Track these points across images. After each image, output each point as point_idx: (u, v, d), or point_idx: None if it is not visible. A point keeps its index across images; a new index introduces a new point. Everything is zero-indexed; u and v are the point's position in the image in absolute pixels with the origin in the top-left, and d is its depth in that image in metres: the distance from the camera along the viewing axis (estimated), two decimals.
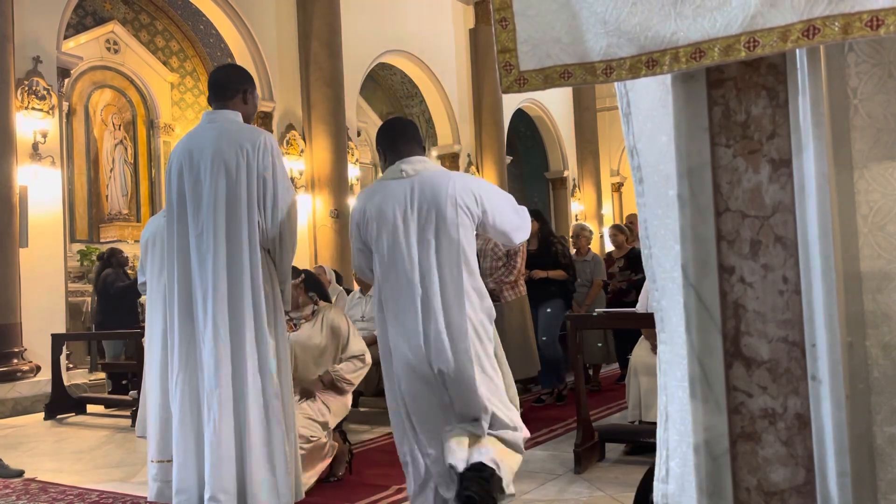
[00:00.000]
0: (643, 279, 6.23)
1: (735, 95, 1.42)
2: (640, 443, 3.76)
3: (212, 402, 2.55)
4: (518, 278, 5.09)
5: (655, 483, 1.56)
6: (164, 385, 3.32)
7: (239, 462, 2.53)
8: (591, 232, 6.90)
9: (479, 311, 2.56)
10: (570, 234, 6.69)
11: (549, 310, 5.48)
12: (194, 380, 2.62)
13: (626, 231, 6.68)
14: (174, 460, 2.67)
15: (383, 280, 2.59)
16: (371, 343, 4.97)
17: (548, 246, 5.58)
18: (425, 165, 2.62)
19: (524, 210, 2.75)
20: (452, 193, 2.51)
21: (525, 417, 4.97)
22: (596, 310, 5.24)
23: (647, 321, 3.39)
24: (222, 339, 2.55)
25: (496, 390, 2.62)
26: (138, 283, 3.63)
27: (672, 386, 1.53)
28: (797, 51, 1.34)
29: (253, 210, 2.61)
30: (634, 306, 5.24)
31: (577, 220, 15.85)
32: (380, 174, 2.80)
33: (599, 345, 6.85)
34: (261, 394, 2.57)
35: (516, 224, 2.68)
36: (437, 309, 2.50)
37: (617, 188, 18.14)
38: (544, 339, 5.49)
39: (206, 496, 2.50)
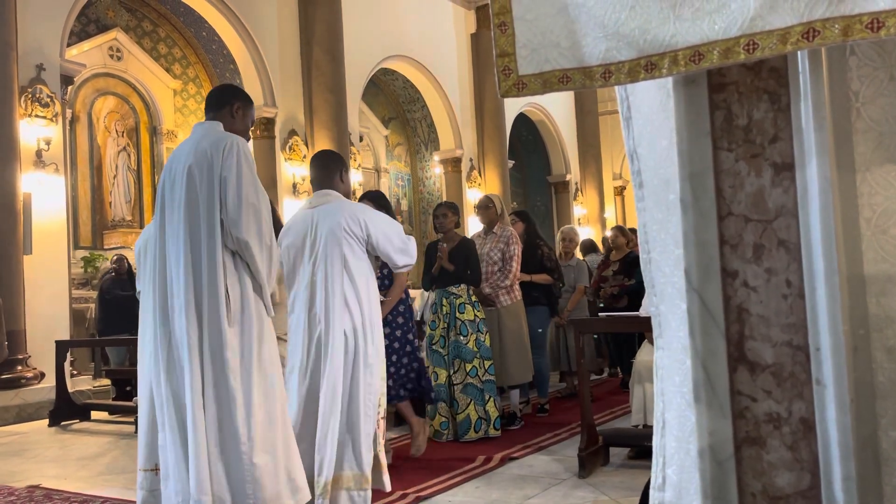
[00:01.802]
0: (635, 284, 6.24)
1: (737, 99, 1.42)
2: (645, 447, 3.74)
3: (188, 405, 2.55)
4: (514, 283, 5.01)
5: (651, 491, 1.55)
6: (152, 393, 3.32)
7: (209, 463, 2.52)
8: (579, 238, 6.92)
9: (357, 316, 3.08)
10: (559, 237, 6.47)
11: (533, 318, 5.29)
12: (174, 383, 2.63)
13: (629, 234, 6.63)
14: (165, 467, 2.65)
15: (290, 291, 3.22)
16: None
17: (533, 249, 5.40)
18: (328, 199, 3.23)
19: (411, 240, 3.32)
20: (340, 222, 3.11)
21: (527, 423, 4.99)
22: (599, 314, 5.19)
23: (649, 324, 3.39)
24: (192, 341, 2.57)
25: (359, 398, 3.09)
26: (136, 291, 3.64)
27: (670, 392, 1.52)
28: (799, 54, 1.33)
29: (213, 212, 2.59)
30: (625, 312, 5.23)
31: (579, 223, 15.84)
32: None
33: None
34: (213, 399, 2.55)
35: (398, 247, 3.23)
36: (319, 313, 3.07)
37: (619, 192, 18.13)
38: (532, 349, 5.27)
39: (192, 499, 2.49)
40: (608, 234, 6.91)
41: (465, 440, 4.50)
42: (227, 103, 2.84)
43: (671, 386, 1.51)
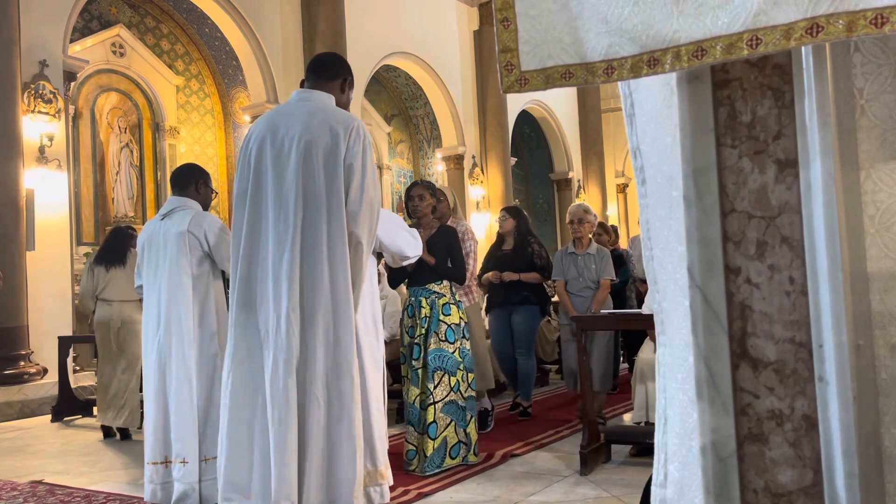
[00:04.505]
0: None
1: (741, 96, 1.41)
2: (647, 444, 3.75)
3: (278, 402, 2.35)
4: (471, 283, 4.57)
5: (653, 488, 1.55)
6: (160, 387, 3.31)
7: (300, 467, 2.37)
8: (595, 216, 5.28)
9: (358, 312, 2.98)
10: (568, 219, 5.18)
11: (521, 317, 5.11)
12: (253, 375, 2.43)
13: (612, 231, 6.54)
14: (223, 455, 2.46)
15: None
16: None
17: (524, 247, 5.17)
18: None
19: (415, 232, 3.41)
20: None
21: (530, 421, 4.97)
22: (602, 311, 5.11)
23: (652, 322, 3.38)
24: (294, 334, 2.36)
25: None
26: (135, 286, 3.63)
27: (672, 389, 1.52)
28: (803, 51, 1.33)
29: (338, 197, 2.40)
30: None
31: None
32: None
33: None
34: (325, 403, 2.37)
35: (403, 237, 3.26)
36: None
37: (622, 189, 18.12)
38: (519, 350, 5.12)
39: (272, 502, 2.36)
40: None
41: (443, 468, 3.69)
42: (341, 76, 2.67)
43: (673, 383, 1.52)
